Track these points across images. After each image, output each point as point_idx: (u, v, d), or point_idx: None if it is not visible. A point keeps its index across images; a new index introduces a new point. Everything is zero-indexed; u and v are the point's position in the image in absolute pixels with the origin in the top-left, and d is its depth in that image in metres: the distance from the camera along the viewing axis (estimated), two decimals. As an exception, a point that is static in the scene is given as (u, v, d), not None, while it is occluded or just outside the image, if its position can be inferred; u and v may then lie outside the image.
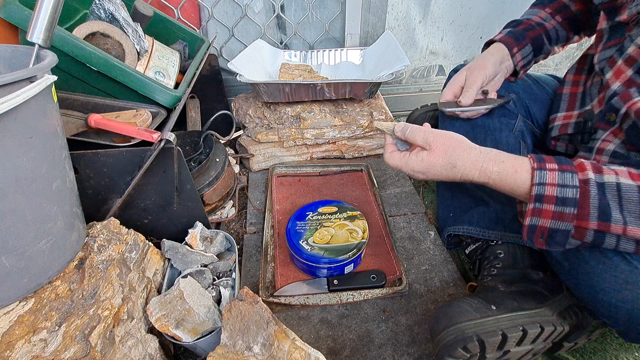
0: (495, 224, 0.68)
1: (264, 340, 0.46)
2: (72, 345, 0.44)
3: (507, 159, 0.49)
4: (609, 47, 0.57)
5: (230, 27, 1.16)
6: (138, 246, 0.59)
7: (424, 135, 0.52)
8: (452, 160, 0.50)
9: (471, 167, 0.49)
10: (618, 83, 0.53)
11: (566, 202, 0.43)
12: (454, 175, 0.51)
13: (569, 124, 0.65)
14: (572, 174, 0.43)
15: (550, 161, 0.46)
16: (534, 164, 0.46)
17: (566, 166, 0.44)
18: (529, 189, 0.45)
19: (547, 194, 0.44)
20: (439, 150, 0.51)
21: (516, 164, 0.47)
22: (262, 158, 1.01)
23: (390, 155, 0.57)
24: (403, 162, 0.54)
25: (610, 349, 0.61)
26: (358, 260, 0.70)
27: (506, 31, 0.70)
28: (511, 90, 0.72)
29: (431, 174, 0.52)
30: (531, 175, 0.45)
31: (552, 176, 0.44)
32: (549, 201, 0.44)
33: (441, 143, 0.51)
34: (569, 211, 0.43)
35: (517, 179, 0.47)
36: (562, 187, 0.43)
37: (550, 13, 0.70)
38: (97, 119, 0.64)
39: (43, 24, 0.46)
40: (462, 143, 0.51)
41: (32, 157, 0.41)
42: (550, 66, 1.41)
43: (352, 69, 1.19)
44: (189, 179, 0.65)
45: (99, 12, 0.75)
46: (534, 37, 0.68)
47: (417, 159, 0.52)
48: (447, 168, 0.50)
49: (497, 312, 0.52)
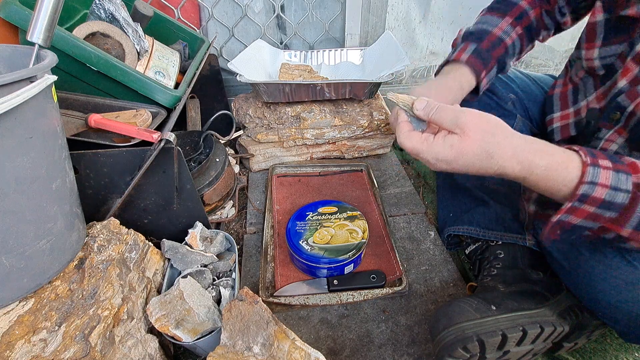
0: (495, 224, 0.68)
1: (263, 341, 0.46)
2: (72, 345, 0.44)
3: (556, 151, 0.41)
4: (615, 43, 0.52)
5: (230, 27, 1.16)
6: (138, 246, 0.59)
7: (454, 115, 0.42)
8: (490, 149, 0.40)
9: (512, 159, 0.41)
10: (625, 81, 0.50)
11: (610, 207, 0.38)
12: (488, 167, 0.42)
13: (568, 124, 0.63)
14: (626, 176, 0.38)
15: (602, 157, 0.39)
16: (586, 158, 0.39)
17: (620, 165, 0.38)
18: (576, 187, 0.39)
19: (594, 195, 0.38)
20: (474, 135, 0.41)
21: (565, 158, 0.40)
22: (262, 158, 1.01)
23: (407, 135, 0.46)
24: (425, 146, 0.44)
25: (611, 350, 0.61)
26: (358, 261, 0.70)
27: (471, 49, 0.63)
28: (510, 91, 0.72)
29: (459, 164, 0.43)
30: (582, 172, 0.38)
31: (605, 175, 0.38)
32: (592, 202, 0.38)
33: (477, 126, 0.41)
34: (608, 215, 0.39)
35: (567, 176, 0.39)
36: (613, 190, 0.38)
37: (511, 23, 0.64)
38: (97, 119, 0.64)
39: (43, 23, 0.46)
40: (503, 128, 0.42)
41: (32, 157, 0.41)
42: (550, 66, 1.41)
43: (352, 69, 1.19)
44: (189, 179, 0.65)
45: (99, 12, 0.75)
46: (498, 57, 0.63)
47: (445, 145, 0.42)
48: (482, 158, 0.41)
49: (497, 312, 0.52)
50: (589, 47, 0.56)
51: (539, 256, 0.63)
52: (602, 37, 0.54)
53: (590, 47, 0.56)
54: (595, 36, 0.55)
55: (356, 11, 1.17)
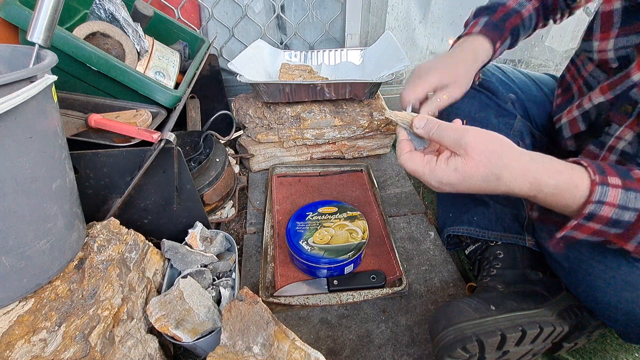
0: (495, 225, 0.68)
1: (263, 341, 0.46)
2: (71, 345, 0.44)
3: (564, 168, 0.39)
4: (633, 32, 0.49)
5: (230, 27, 1.16)
6: (138, 246, 0.59)
7: (456, 135, 0.40)
8: (497, 171, 0.39)
9: (521, 179, 0.39)
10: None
11: (617, 225, 0.37)
12: (496, 188, 0.40)
13: (575, 118, 0.59)
14: (636, 194, 0.36)
15: (612, 173, 0.38)
16: (594, 177, 0.37)
17: (630, 182, 0.37)
18: (583, 206, 0.38)
19: (601, 214, 0.37)
20: (479, 157, 0.39)
21: (574, 176, 0.38)
22: (262, 158, 1.01)
23: (408, 157, 0.44)
24: (427, 169, 0.42)
25: (610, 350, 0.61)
26: (358, 261, 0.70)
27: (483, 21, 0.60)
28: (510, 91, 0.72)
29: (464, 186, 0.41)
30: (590, 191, 0.37)
31: (614, 195, 0.37)
32: (599, 221, 0.38)
33: (482, 147, 0.39)
34: (614, 232, 0.38)
35: (576, 194, 0.38)
36: (621, 209, 0.37)
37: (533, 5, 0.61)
38: (97, 119, 0.64)
39: (43, 23, 0.46)
40: (508, 147, 0.40)
41: (32, 157, 0.41)
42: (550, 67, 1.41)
43: (352, 69, 1.19)
44: (189, 179, 0.65)
45: (99, 12, 0.75)
46: (512, 27, 0.59)
47: (449, 168, 0.40)
48: (489, 180, 0.39)
49: (497, 312, 0.52)
50: (603, 38, 0.52)
51: (538, 256, 0.63)
52: (619, 26, 0.50)
53: (604, 38, 0.52)
54: (611, 25, 0.51)
55: (356, 11, 1.17)
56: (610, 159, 0.52)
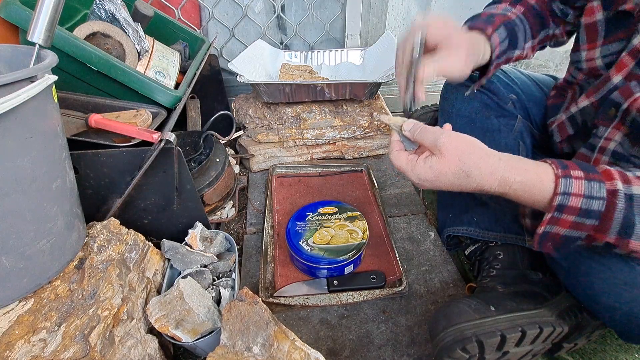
0: (495, 225, 0.68)
1: (263, 341, 0.46)
2: (71, 345, 0.44)
3: (530, 166, 0.43)
4: (616, 40, 0.52)
5: (230, 27, 1.16)
6: (138, 246, 0.59)
7: (433, 137, 0.45)
8: (467, 169, 0.43)
9: (489, 177, 0.43)
10: (620, 76, 0.50)
11: (589, 215, 0.40)
12: (467, 185, 0.44)
13: (563, 122, 0.62)
14: (599, 184, 0.39)
15: (575, 167, 0.41)
16: (557, 171, 0.41)
17: (593, 174, 0.40)
18: (551, 199, 0.41)
19: (570, 204, 0.40)
20: (450, 155, 0.44)
21: (540, 172, 0.42)
22: (262, 158, 1.01)
23: (396, 155, 0.49)
24: (409, 167, 0.47)
25: (610, 350, 0.61)
26: (358, 261, 0.70)
27: (467, 25, 0.60)
28: (511, 91, 0.72)
29: (440, 182, 0.45)
30: (555, 184, 0.41)
31: (578, 185, 0.40)
32: (570, 212, 0.40)
33: (453, 147, 0.44)
34: (589, 223, 0.40)
35: (543, 188, 0.42)
36: (588, 199, 0.39)
37: (509, 4, 0.62)
38: (98, 119, 0.64)
39: (44, 24, 0.46)
40: (478, 148, 0.44)
41: (32, 157, 0.41)
42: (551, 67, 1.41)
43: (352, 70, 1.19)
44: (189, 179, 0.65)
45: (100, 12, 0.75)
46: (504, 22, 0.59)
47: (426, 166, 0.45)
48: (460, 177, 0.44)
49: (496, 313, 0.52)
50: (590, 47, 0.56)
51: (538, 257, 0.63)
52: (604, 35, 0.54)
53: (591, 47, 0.56)
54: (596, 35, 0.55)
55: (356, 12, 1.17)
56: (603, 160, 0.53)
